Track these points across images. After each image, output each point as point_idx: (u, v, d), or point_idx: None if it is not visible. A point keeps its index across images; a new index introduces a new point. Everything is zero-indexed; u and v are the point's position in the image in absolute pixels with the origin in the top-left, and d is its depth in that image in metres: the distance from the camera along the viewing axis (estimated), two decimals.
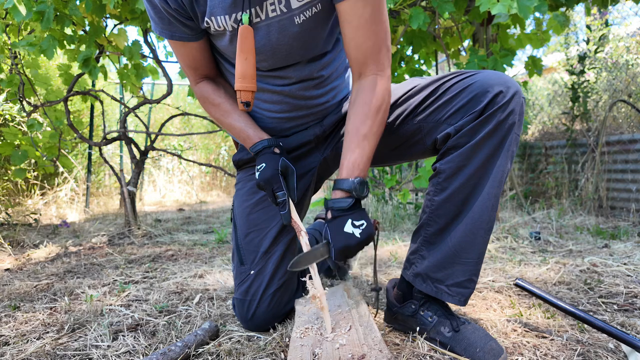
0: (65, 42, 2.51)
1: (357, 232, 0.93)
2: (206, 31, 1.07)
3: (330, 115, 1.22)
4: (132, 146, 2.94)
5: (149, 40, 2.67)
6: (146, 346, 1.06)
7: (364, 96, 1.01)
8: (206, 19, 1.00)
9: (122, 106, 3.86)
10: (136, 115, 3.30)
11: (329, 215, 0.98)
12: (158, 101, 2.78)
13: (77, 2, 2.29)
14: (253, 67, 0.98)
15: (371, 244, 0.99)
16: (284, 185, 1.03)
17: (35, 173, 4.10)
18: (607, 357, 0.95)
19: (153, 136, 3.29)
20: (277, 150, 1.10)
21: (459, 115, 1.01)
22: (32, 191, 4.08)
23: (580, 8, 5.04)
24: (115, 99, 2.95)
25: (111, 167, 3.06)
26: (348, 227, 0.94)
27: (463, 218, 1.00)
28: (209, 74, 1.19)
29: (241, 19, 0.97)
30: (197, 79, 1.18)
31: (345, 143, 1.01)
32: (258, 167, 1.07)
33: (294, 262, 0.96)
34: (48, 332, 1.17)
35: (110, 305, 1.39)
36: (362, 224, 0.94)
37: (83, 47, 2.58)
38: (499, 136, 0.96)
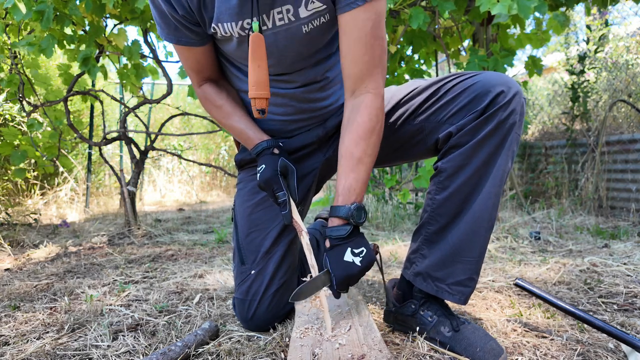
0: (65, 41, 2.51)
1: (357, 261, 0.93)
2: (212, 36, 1.07)
3: (333, 117, 1.23)
4: (132, 146, 2.94)
5: (149, 40, 2.67)
6: (146, 346, 1.06)
7: (357, 117, 0.99)
8: (213, 25, 1.01)
9: (122, 106, 3.86)
10: (136, 115, 3.30)
11: (327, 244, 0.98)
12: (158, 101, 2.78)
13: (77, 2, 2.29)
14: (266, 74, 0.98)
15: (377, 272, 0.99)
16: (284, 185, 1.04)
17: (35, 173, 4.10)
18: (607, 357, 0.95)
19: (153, 136, 3.29)
20: (276, 151, 1.10)
21: (460, 114, 1.01)
22: (32, 191, 4.08)
23: (580, 8, 5.05)
24: (115, 99, 2.94)
25: (111, 167, 3.06)
26: (348, 256, 0.94)
27: (464, 217, 1.00)
28: (212, 77, 1.19)
29: (250, 27, 0.97)
30: (200, 81, 1.19)
31: (340, 167, 1.00)
32: (258, 168, 1.08)
33: (295, 294, 0.94)
34: (48, 332, 1.17)
35: (110, 305, 1.38)
36: (362, 251, 0.94)
37: (83, 47, 2.58)
38: (500, 135, 0.97)
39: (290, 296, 1.22)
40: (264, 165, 1.06)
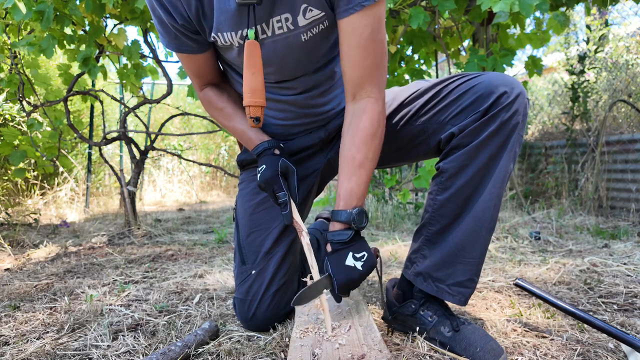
0: (65, 41, 2.51)
1: (358, 265, 0.94)
2: (212, 43, 1.08)
3: (334, 119, 1.23)
4: (132, 146, 2.94)
5: (149, 40, 2.66)
6: (146, 346, 1.06)
7: (358, 121, 0.99)
8: (213, 34, 1.01)
9: (122, 106, 3.86)
10: (136, 115, 3.30)
11: (329, 248, 0.98)
12: (158, 101, 2.78)
13: (77, 2, 2.29)
14: (261, 81, 0.98)
15: (375, 272, 0.99)
16: (284, 185, 1.04)
17: (35, 173, 4.10)
18: (607, 357, 0.95)
19: (153, 136, 3.29)
20: (277, 152, 1.10)
21: (463, 115, 1.01)
22: (32, 191, 4.08)
23: (580, 8, 5.05)
24: (115, 99, 2.94)
25: (111, 167, 3.06)
26: (349, 261, 0.94)
27: (465, 217, 1.00)
28: (213, 81, 1.20)
29: (247, 35, 0.98)
30: (202, 85, 1.20)
31: (341, 171, 1.01)
32: (259, 169, 1.08)
33: (297, 298, 0.94)
34: (48, 332, 1.17)
35: (110, 305, 1.38)
36: (363, 256, 0.95)
37: (83, 47, 2.58)
38: (503, 136, 0.96)
39: (290, 298, 1.22)
40: (264, 166, 1.06)
